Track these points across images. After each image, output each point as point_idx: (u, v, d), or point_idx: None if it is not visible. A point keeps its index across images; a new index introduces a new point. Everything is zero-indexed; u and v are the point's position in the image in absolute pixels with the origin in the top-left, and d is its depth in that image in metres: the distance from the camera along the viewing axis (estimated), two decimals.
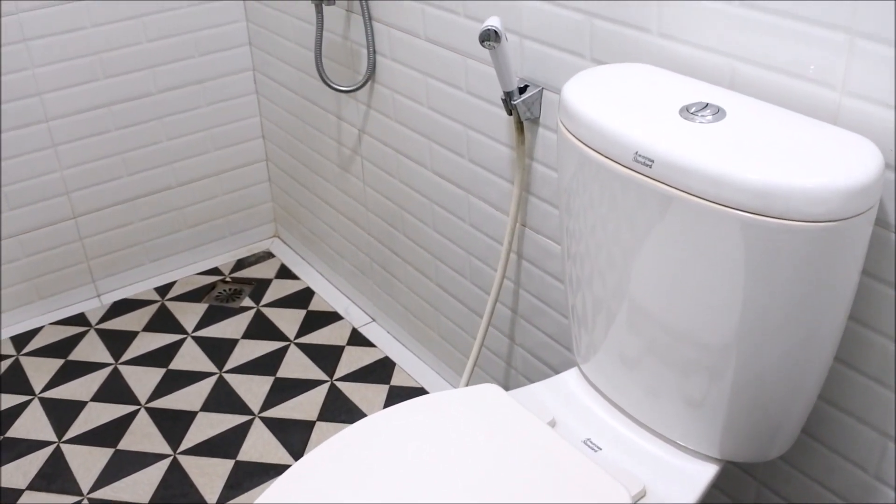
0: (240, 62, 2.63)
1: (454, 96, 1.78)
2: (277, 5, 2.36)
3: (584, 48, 1.43)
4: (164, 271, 2.77)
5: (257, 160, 2.79)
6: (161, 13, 2.46)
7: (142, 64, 2.48)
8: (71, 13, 2.33)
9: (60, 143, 2.45)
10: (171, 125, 2.60)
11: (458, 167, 1.85)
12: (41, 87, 2.37)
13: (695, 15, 1.23)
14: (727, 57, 1.21)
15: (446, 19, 1.72)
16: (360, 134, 2.18)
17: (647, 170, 1.07)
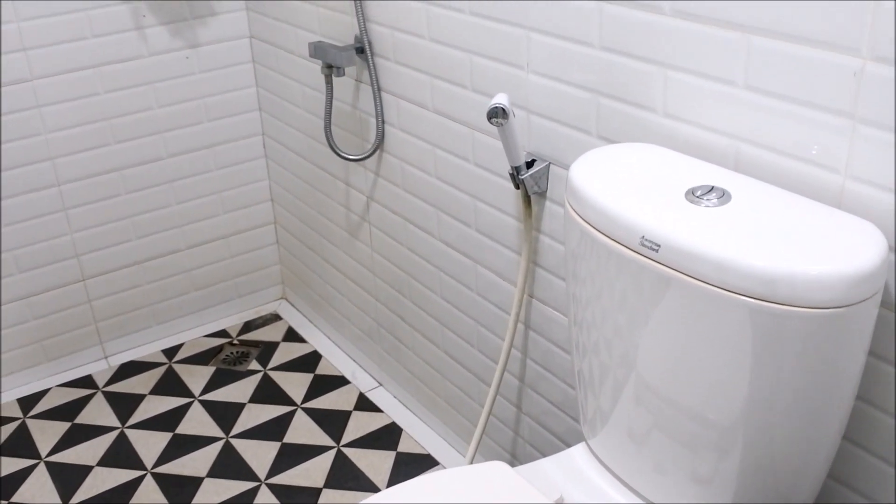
0: (249, 127, 2.66)
1: (462, 167, 1.80)
2: (287, 72, 2.40)
3: (590, 125, 1.45)
4: (172, 333, 2.78)
5: (266, 223, 2.81)
6: (172, 80, 2.49)
7: (152, 129, 2.52)
8: (84, 80, 2.37)
9: (71, 207, 2.48)
10: (181, 189, 2.62)
11: (466, 237, 1.87)
12: (53, 152, 2.40)
13: (699, 96, 1.25)
14: (732, 138, 1.23)
15: (454, 92, 1.75)
16: (369, 201, 2.20)
17: (653, 254, 1.08)
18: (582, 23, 1.40)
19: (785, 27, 1.11)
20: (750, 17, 1.15)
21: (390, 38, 1.89)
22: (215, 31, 2.51)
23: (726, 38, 1.19)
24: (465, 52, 1.68)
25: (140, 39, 2.42)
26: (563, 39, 1.45)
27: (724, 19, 1.18)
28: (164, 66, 2.48)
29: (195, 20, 2.48)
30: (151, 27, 2.42)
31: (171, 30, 2.45)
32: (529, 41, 1.52)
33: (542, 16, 1.47)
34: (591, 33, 1.39)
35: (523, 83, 1.56)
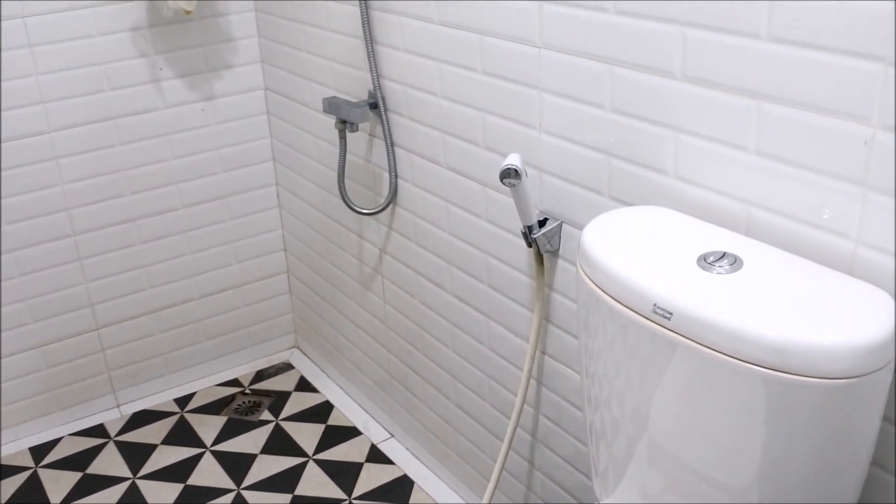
0: (263, 178, 2.68)
1: (474, 223, 1.81)
2: (301, 124, 2.42)
3: (602, 186, 1.46)
4: (184, 382, 2.79)
5: (278, 272, 2.82)
6: (188, 131, 2.52)
7: (168, 180, 2.54)
8: (100, 132, 2.40)
9: (86, 257, 2.49)
10: (195, 239, 2.64)
11: (478, 292, 1.87)
12: (69, 203, 2.42)
13: (710, 160, 1.26)
14: (743, 202, 1.23)
15: (466, 150, 1.77)
16: (381, 254, 2.21)
17: (665, 321, 1.08)
18: (593, 85, 1.41)
19: (796, 94, 1.12)
20: (761, 83, 1.16)
21: (403, 94, 1.91)
22: (230, 83, 2.54)
23: (737, 103, 1.20)
24: (477, 110, 1.70)
25: (156, 92, 2.45)
26: (575, 101, 1.46)
27: (735, 85, 1.19)
28: (179, 118, 2.50)
29: (210, 73, 2.51)
30: (168, 80, 2.46)
31: (186, 82, 2.48)
32: (542, 102, 1.53)
33: (554, 77, 1.49)
34: (603, 96, 1.40)
35: (535, 143, 1.58)
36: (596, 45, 1.39)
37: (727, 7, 1.17)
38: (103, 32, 2.34)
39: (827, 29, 1.06)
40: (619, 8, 1.33)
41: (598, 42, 1.38)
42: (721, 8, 1.18)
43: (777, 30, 1.12)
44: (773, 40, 1.13)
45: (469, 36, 1.66)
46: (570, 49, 1.44)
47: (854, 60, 1.05)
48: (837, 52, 1.06)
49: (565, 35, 1.44)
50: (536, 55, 1.51)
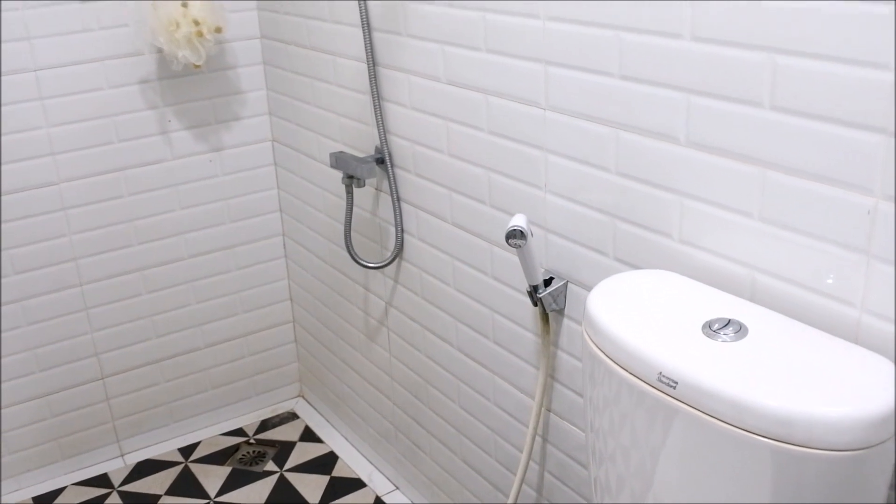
0: (270, 228, 2.70)
1: (480, 280, 1.82)
2: (308, 176, 2.44)
3: (607, 247, 1.47)
4: (189, 431, 2.78)
5: (284, 322, 2.83)
6: (195, 182, 2.54)
7: (175, 230, 2.56)
8: (109, 183, 2.42)
9: (93, 307, 2.50)
10: (201, 289, 2.65)
11: (484, 348, 1.88)
12: (77, 253, 2.43)
13: (715, 225, 1.27)
14: (748, 268, 1.24)
15: (472, 207, 1.78)
16: (387, 306, 2.21)
17: (671, 390, 1.09)
18: (599, 148, 1.43)
19: (799, 163, 1.13)
20: (765, 151, 1.17)
21: (410, 150, 1.93)
22: (238, 135, 2.57)
23: (742, 170, 1.21)
24: (484, 168, 1.71)
25: (165, 143, 2.47)
26: (580, 163, 1.47)
27: (739, 152, 1.21)
28: (187, 169, 2.52)
29: (219, 125, 2.53)
30: (176, 131, 2.48)
31: (195, 134, 2.51)
32: (547, 162, 1.54)
33: (560, 139, 1.50)
34: (608, 159, 1.42)
35: (541, 202, 1.59)
36: (601, 109, 1.40)
37: (731, 76, 1.18)
38: (114, 85, 2.37)
39: (829, 100, 1.07)
40: (624, 73, 1.34)
41: (603, 106, 1.40)
42: (725, 77, 1.19)
43: (780, 99, 1.13)
44: (776, 109, 1.14)
45: (475, 96, 1.68)
46: (576, 112, 1.45)
47: (856, 132, 1.06)
48: (840, 123, 1.07)
49: (570, 98, 1.46)
50: (542, 117, 1.53)
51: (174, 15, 2.20)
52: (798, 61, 1.10)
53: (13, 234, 2.34)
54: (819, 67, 1.08)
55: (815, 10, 1.06)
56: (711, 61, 1.21)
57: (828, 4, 1.05)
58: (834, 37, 1.05)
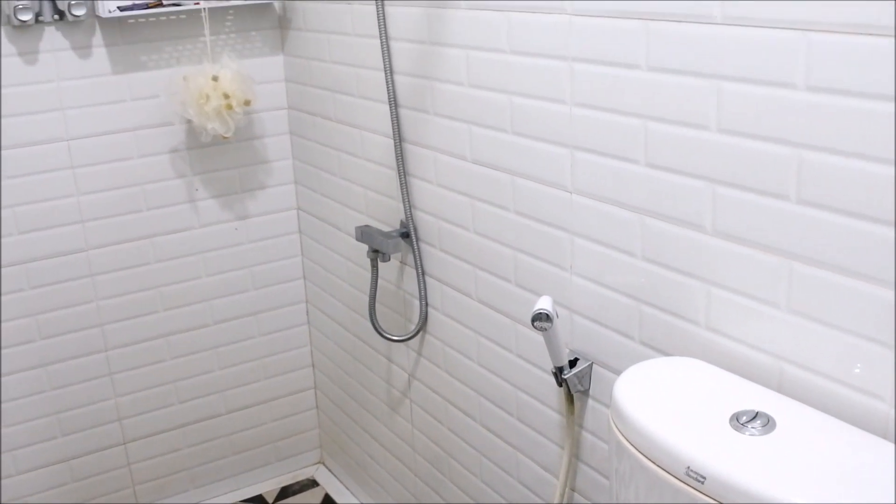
0: (293, 295, 2.72)
1: (504, 357, 1.83)
2: (332, 245, 2.46)
3: (633, 331, 1.48)
4: (209, 497, 2.78)
5: (306, 388, 2.83)
6: (221, 250, 2.57)
7: (200, 297, 2.58)
8: (137, 250, 2.45)
9: (117, 372, 2.52)
10: (225, 355, 2.66)
11: (508, 425, 1.88)
12: (104, 319, 2.46)
13: (742, 314, 1.28)
14: (775, 358, 1.24)
15: (497, 285, 1.79)
16: (410, 378, 2.22)
17: (699, 485, 1.09)
18: (624, 233, 1.44)
19: (825, 256, 1.14)
20: (791, 242, 1.18)
21: (436, 226, 1.94)
22: (264, 203, 2.60)
23: (768, 261, 1.22)
24: (509, 248, 1.73)
25: (192, 211, 2.51)
26: (606, 247, 1.49)
27: (765, 243, 1.21)
28: (213, 237, 2.55)
29: (245, 193, 2.57)
30: (203, 200, 2.51)
31: (221, 202, 2.54)
32: (573, 245, 1.56)
33: (585, 222, 1.52)
34: (634, 244, 1.43)
35: (567, 283, 1.60)
36: (627, 195, 1.42)
37: (757, 169, 1.20)
38: (144, 154, 2.41)
39: (853, 195, 1.08)
40: (650, 161, 1.36)
41: (629, 192, 1.41)
42: (751, 169, 1.21)
43: (806, 193, 1.14)
44: (802, 203, 1.15)
45: (501, 176, 1.70)
46: (602, 196, 1.47)
47: (879, 227, 1.07)
48: (863, 218, 1.08)
49: (597, 183, 1.47)
50: (568, 199, 1.54)
51: (205, 88, 2.24)
52: (824, 157, 1.11)
53: (41, 299, 2.36)
54: (844, 164, 1.09)
55: (841, 107, 1.08)
56: (737, 153, 1.22)
57: (854, 102, 1.06)
58: (859, 134, 1.06)
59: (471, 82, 1.72)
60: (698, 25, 1.24)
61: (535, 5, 1.52)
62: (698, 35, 1.24)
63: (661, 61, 1.31)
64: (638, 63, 1.35)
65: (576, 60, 1.46)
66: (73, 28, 2.26)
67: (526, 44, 1.56)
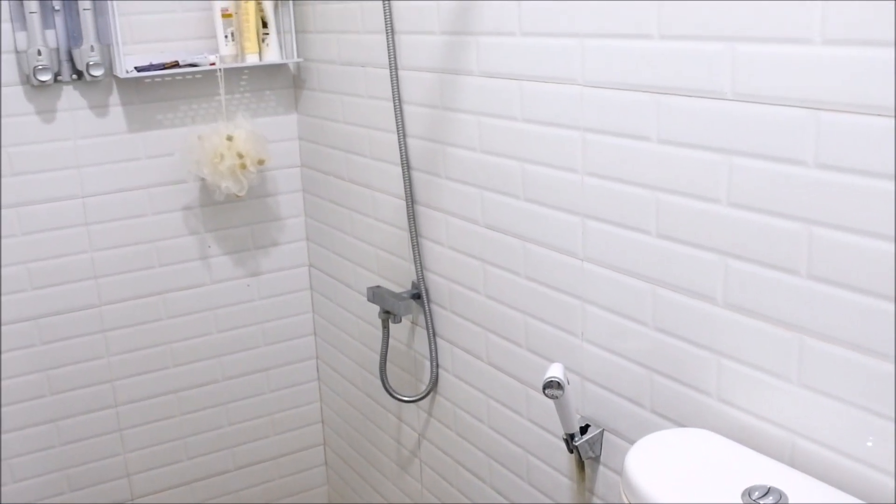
0: (304, 351, 2.72)
1: (515, 421, 1.83)
2: (343, 303, 2.47)
3: (644, 399, 1.48)
4: None
5: (315, 444, 2.83)
6: (233, 306, 2.58)
7: (211, 353, 2.59)
8: (149, 306, 2.46)
9: (126, 428, 2.52)
10: (234, 411, 2.66)
11: (518, 488, 1.87)
12: (114, 375, 2.46)
13: (754, 386, 1.28)
14: (787, 431, 1.24)
15: (508, 349, 1.80)
16: (420, 438, 2.22)
17: None
18: (636, 302, 1.45)
19: (835, 331, 1.14)
20: (802, 317, 1.18)
21: (447, 288, 1.95)
22: (276, 260, 2.62)
23: (779, 335, 1.22)
24: (520, 312, 1.74)
25: (204, 268, 2.52)
26: (618, 315, 1.49)
27: (777, 317, 1.22)
28: (225, 294, 2.57)
29: (257, 250, 2.58)
30: (216, 256, 2.53)
31: (234, 259, 2.56)
32: (584, 311, 1.57)
33: (597, 290, 1.52)
34: (646, 313, 1.44)
35: (578, 350, 1.60)
36: (638, 264, 1.43)
37: (769, 243, 1.21)
38: (157, 212, 2.43)
39: (864, 272, 1.09)
40: (661, 232, 1.37)
41: (640, 261, 1.42)
42: (763, 244, 1.22)
43: (816, 268, 1.15)
44: (812, 278, 1.16)
45: (513, 241, 1.71)
46: (613, 265, 1.48)
47: (889, 304, 1.07)
48: (873, 295, 1.09)
49: (608, 251, 1.48)
50: (579, 267, 1.55)
51: (219, 147, 2.27)
52: (834, 233, 1.12)
53: (52, 355, 2.37)
54: (854, 241, 1.10)
55: (850, 185, 1.09)
56: (748, 227, 1.23)
57: (862, 180, 1.07)
58: (867, 211, 1.07)
59: (483, 148, 1.74)
60: (709, 100, 1.26)
61: (547, 75, 1.54)
62: (709, 110, 1.26)
63: (671, 134, 1.32)
64: (649, 135, 1.36)
65: (588, 131, 1.48)
66: (90, 87, 2.29)
67: (538, 113, 1.58)
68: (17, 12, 2.17)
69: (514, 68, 1.62)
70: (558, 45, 1.51)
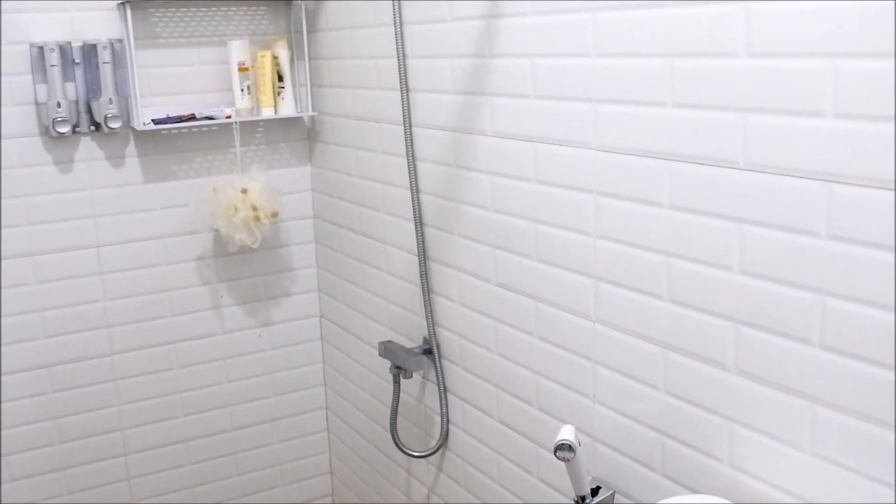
0: (313, 402, 2.73)
1: (526, 480, 1.82)
2: (354, 355, 2.48)
3: (655, 463, 1.48)
4: None
5: (323, 495, 2.82)
6: (244, 356, 2.59)
7: (221, 403, 2.59)
8: (160, 356, 2.47)
9: (136, 476, 2.52)
10: (243, 461, 2.66)
11: None
12: (124, 423, 2.47)
13: (765, 453, 1.28)
14: (798, 499, 1.24)
15: (519, 407, 1.80)
16: (430, 493, 2.21)
17: None
18: (648, 366, 1.45)
19: (848, 401, 1.14)
20: (814, 387, 1.19)
21: (458, 344, 1.96)
22: (287, 310, 2.63)
23: (792, 403, 1.22)
24: (532, 372, 1.74)
25: (216, 318, 2.53)
26: (629, 377, 1.50)
27: (789, 386, 1.22)
28: (236, 343, 2.58)
29: (269, 300, 2.60)
30: (228, 307, 2.54)
31: (245, 309, 2.57)
32: (596, 373, 1.57)
33: (609, 353, 1.53)
34: (657, 377, 1.44)
35: (589, 411, 1.60)
36: (650, 329, 1.43)
37: (780, 312, 1.21)
38: (171, 262, 2.45)
39: (876, 343, 1.10)
40: (673, 297, 1.38)
41: (652, 325, 1.43)
42: (774, 312, 1.22)
43: (828, 339, 1.16)
44: (825, 348, 1.17)
45: (525, 300, 1.72)
46: (625, 328, 1.49)
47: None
48: (883, 367, 1.09)
49: (620, 314, 1.49)
50: (591, 329, 1.56)
51: (233, 200, 2.29)
52: (847, 305, 1.13)
53: (63, 403, 2.38)
54: (867, 312, 1.10)
55: (862, 257, 1.10)
56: (761, 296, 1.24)
57: (875, 253, 1.08)
58: (879, 283, 1.08)
59: (496, 207, 1.76)
60: (721, 169, 1.27)
61: (561, 138, 1.56)
62: (721, 178, 1.27)
63: (684, 201, 1.34)
64: (661, 201, 1.37)
65: (600, 194, 1.49)
66: (107, 138, 2.32)
67: (551, 174, 1.60)
68: (38, 65, 2.20)
69: (527, 130, 1.64)
70: (572, 109, 1.53)
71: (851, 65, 1.08)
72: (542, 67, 1.58)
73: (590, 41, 1.47)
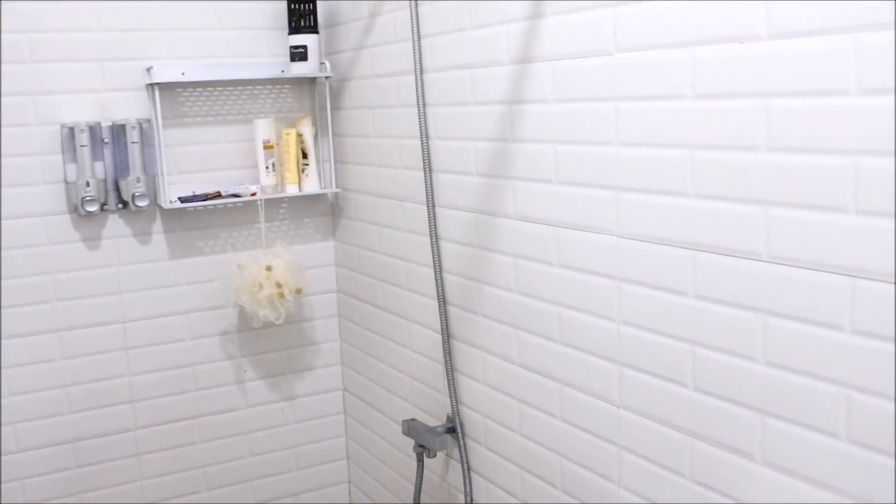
0: (336, 476, 2.72)
1: None
2: (376, 429, 2.47)
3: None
4: None
5: None
6: (266, 430, 2.59)
7: (243, 477, 2.59)
8: (183, 430, 2.48)
9: None
10: None
11: None
12: (147, 497, 2.47)
13: None
14: None
15: (544, 489, 1.79)
16: None
17: None
18: (673, 453, 1.45)
19: (875, 496, 1.14)
20: (842, 481, 1.18)
21: (482, 423, 1.96)
22: (311, 384, 2.63)
23: (819, 496, 1.22)
24: (556, 454, 1.74)
25: (240, 392, 2.54)
26: (654, 464, 1.49)
27: (814, 478, 1.22)
28: (259, 417, 2.58)
29: (292, 374, 2.61)
30: (251, 381, 2.55)
31: (269, 383, 2.58)
32: (621, 458, 1.57)
33: (633, 438, 1.53)
34: (683, 464, 1.43)
35: (614, 497, 1.60)
36: (674, 415, 1.43)
37: (804, 403, 1.21)
38: (195, 336, 2.47)
39: None
40: (699, 385, 1.38)
41: (677, 412, 1.43)
42: (798, 403, 1.22)
43: (856, 432, 1.15)
44: (851, 442, 1.16)
45: (549, 383, 1.72)
46: (649, 414, 1.48)
47: None
48: None
49: (644, 400, 1.49)
50: (615, 413, 1.56)
51: (258, 277, 2.32)
52: (873, 399, 1.13)
53: (86, 478, 2.39)
54: (891, 407, 1.10)
55: (884, 352, 1.10)
56: (786, 386, 1.24)
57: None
58: None
59: (520, 289, 1.77)
60: (744, 260, 1.28)
61: (583, 224, 1.58)
62: (744, 270, 1.28)
63: (707, 290, 1.34)
64: (685, 290, 1.38)
65: (624, 281, 1.50)
66: (134, 216, 2.36)
67: (574, 259, 1.61)
68: (68, 144, 2.25)
69: (550, 214, 1.66)
70: (594, 196, 1.55)
71: (872, 163, 1.09)
72: (564, 154, 1.61)
73: (612, 130, 1.49)
